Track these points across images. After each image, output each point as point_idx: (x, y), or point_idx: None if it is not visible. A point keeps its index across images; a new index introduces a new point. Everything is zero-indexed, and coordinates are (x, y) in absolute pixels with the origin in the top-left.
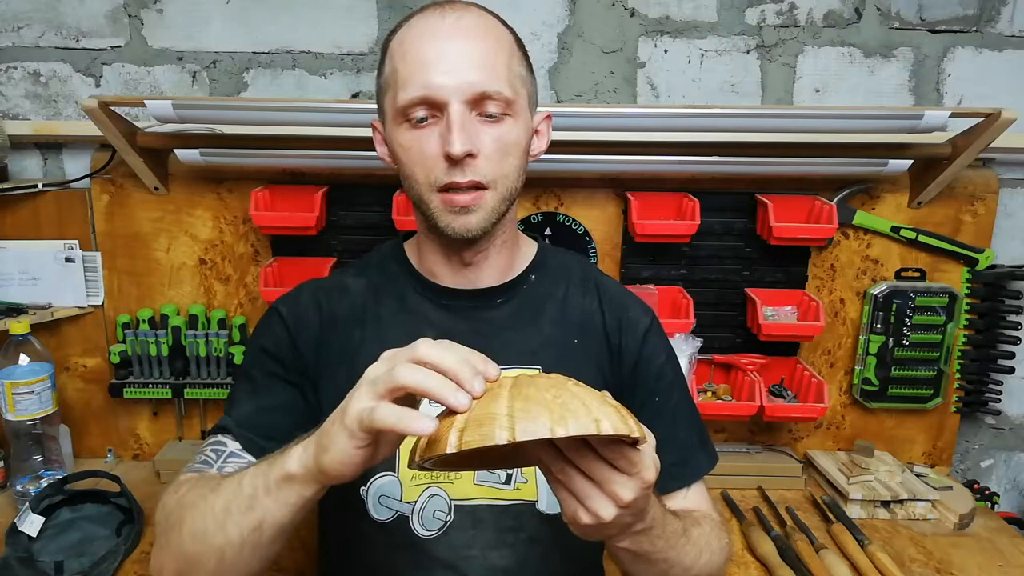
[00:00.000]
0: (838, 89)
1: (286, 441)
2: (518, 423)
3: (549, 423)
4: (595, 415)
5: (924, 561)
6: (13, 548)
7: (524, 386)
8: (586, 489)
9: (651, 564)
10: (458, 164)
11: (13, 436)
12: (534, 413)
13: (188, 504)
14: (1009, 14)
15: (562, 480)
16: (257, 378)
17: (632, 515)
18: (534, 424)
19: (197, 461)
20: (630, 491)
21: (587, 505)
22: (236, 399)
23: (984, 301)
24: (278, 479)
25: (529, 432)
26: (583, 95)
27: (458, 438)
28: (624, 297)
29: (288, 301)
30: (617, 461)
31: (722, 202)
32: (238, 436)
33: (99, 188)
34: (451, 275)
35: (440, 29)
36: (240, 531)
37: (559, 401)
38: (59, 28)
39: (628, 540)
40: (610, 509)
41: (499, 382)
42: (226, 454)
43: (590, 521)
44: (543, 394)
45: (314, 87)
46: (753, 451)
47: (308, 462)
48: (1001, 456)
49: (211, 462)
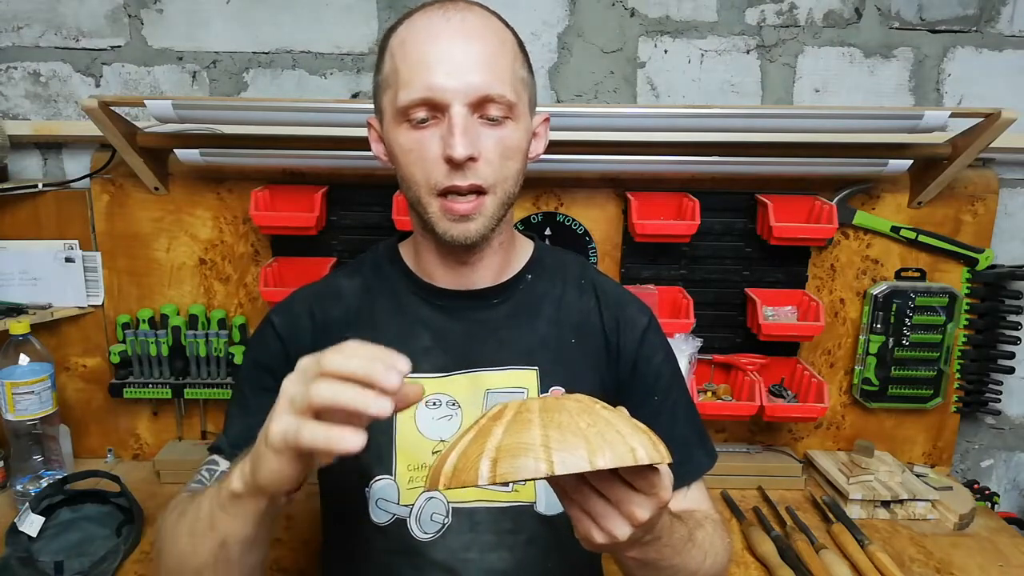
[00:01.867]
0: (838, 89)
1: None
2: (555, 454)
3: (587, 454)
4: (630, 443)
5: (924, 561)
6: (13, 548)
7: (554, 411)
8: (602, 510)
9: (658, 571)
10: (459, 167)
11: (13, 436)
12: (571, 444)
13: (168, 528)
14: (1009, 14)
15: (577, 500)
16: (248, 395)
17: (642, 531)
18: (572, 456)
19: (193, 481)
20: (647, 511)
21: (602, 525)
22: (230, 418)
23: (984, 301)
24: (226, 498)
25: (568, 465)
26: (583, 95)
27: (490, 469)
28: (621, 296)
29: (281, 310)
30: (638, 483)
31: (722, 202)
32: (229, 456)
33: (99, 188)
34: (447, 275)
35: (443, 29)
36: (209, 549)
37: (594, 430)
38: (59, 28)
39: (636, 550)
40: (625, 529)
41: (527, 406)
42: (218, 474)
43: (604, 541)
44: (576, 421)
45: (314, 87)
46: (753, 451)
47: (247, 479)
48: (1001, 456)
49: (205, 482)
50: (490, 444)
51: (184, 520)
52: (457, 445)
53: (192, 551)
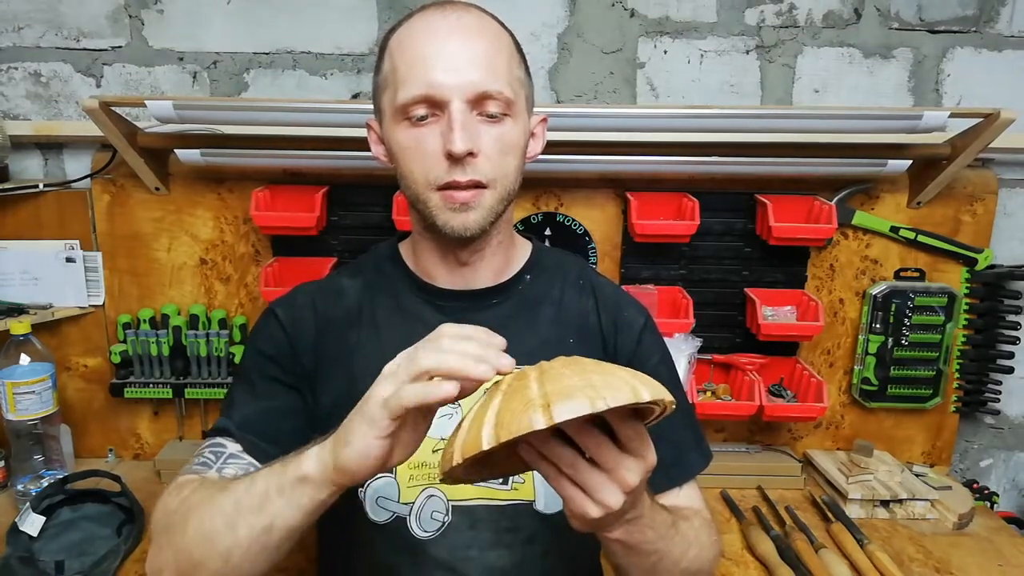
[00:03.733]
0: (837, 89)
1: (288, 444)
2: (554, 406)
3: (588, 400)
4: (631, 384)
5: (923, 560)
6: (14, 547)
7: (549, 371)
8: (596, 479)
9: (643, 556)
10: (459, 163)
11: (14, 436)
12: (569, 392)
13: (194, 505)
14: (1008, 14)
15: (570, 474)
16: (256, 381)
17: (630, 501)
18: (572, 402)
19: (196, 463)
20: (636, 474)
21: (597, 497)
22: (235, 401)
23: (983, 301)
24: (293, 480)
25: (569, 410)
26: (583, 95)
27: (493, 432)
28: (619, 297)
29: (284, 303)
30: (632, 441)
31: (722, 202)
32: (239, 438)
33: (100, 188)
34: (446, 275)
35: (441, 28)
36: (250, 532)
37: (590, 378)
38: (60, 28)
39: (621, 530)
40: (619, 496)
41: (524, 373)
42: (225, 456)
43: (599, 514)
44: (569, 374)
45: (315, 87)
46: (752, 451)
47: (326, 459)
48: (1000, 456)
49: (210, 464)
50: (489, 413)
51: (225, 497)
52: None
53: (228, 529)
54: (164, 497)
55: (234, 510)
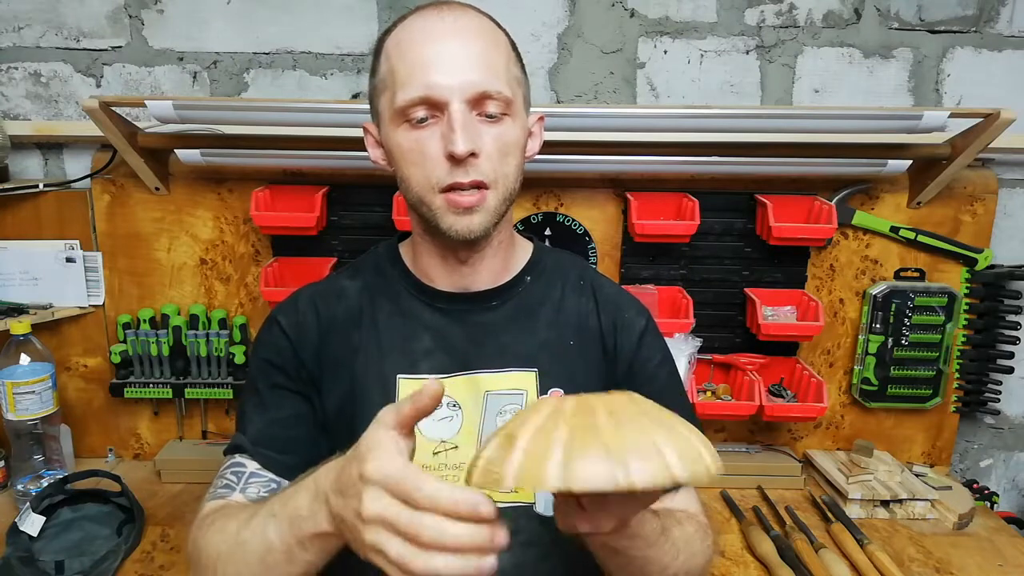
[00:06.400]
0: (837, 89)
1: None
2: (632, 470)
3: (666, 473)
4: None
5: (923, 560)
6: (14, 547)
7: (620, 412)
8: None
9: (628, 561)
10: (460, 164)
11: (14, 436)
12: (645, 454)
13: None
14: (1008, 14)
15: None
16: (264, 391)
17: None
18: (649, 465)
19: (219, 486)
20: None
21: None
22: (246, 415)
23: (983, 301)
24: (308, 536)
25: (651, 477)
26: (583, 95)
27: (561, 473)
28: (620, 298)
29: (286, 309)
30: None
31: (722, 202)
32: (254, 455)
33: (100, 188)
34: (446, 277)
35: (439, 29)
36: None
37: (655, 437)
38: (60, 28)
39: (609, 537)
40: (611, 522)
41: (591, 406)
42: (246, 475)
43: (590, 530)
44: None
45: (315, 87)
46: (752, 451)
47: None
48: (1000, 456)
49: (233, 486)
50: (555, 449)
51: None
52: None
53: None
54: (194, 530)
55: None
